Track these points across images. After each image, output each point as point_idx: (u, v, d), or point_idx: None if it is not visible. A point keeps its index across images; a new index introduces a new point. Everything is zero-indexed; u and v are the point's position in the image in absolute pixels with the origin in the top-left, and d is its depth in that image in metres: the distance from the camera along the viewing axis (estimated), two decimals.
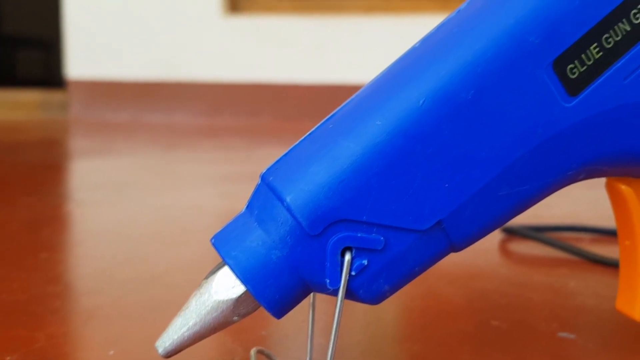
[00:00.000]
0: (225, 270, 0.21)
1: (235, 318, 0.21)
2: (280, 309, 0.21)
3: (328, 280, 0.21)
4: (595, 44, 0.21)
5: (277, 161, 0.22)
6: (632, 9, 0.21)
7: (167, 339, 0.22)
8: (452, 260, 0.31)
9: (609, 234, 0.49)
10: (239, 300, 0.21)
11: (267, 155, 1.04)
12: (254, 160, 1.00)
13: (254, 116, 1.67)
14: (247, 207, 0.22)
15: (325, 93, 1.62)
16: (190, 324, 0.21)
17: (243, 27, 1.70)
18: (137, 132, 1.41)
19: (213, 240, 0.22)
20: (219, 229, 0.22)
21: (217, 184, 0.78)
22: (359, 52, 1.62)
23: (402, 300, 0.35)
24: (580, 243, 0.47)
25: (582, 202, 0.62)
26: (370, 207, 0.20)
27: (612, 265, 0.41)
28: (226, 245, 0.21)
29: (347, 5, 1.68)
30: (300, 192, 0.21)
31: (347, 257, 0.21)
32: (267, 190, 0.21)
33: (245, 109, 1.69)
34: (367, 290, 0.21)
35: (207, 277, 0.22)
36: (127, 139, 1.29)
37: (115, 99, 1.78)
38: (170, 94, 1.73)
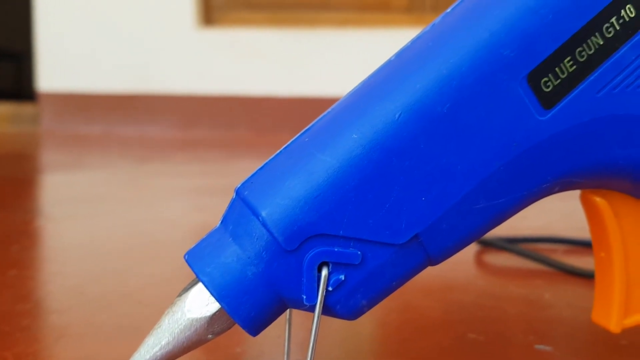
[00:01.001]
0: (199, 288, 0.21)
1: (210, 336, 0.21)
2: (255, 326, 0.21)
3: (305, 296, 0.20)
4: (569, 58, 0.21)
5: (252, 175, 0.21)
6: (605, 23, 0.21)
7: (139, 359, 0.21)
8: (428, 273, 0.31)
9: (582, 245, 0.50)
10: (213, 318, 0.21)
11: (242, 168, 1.04)
12: (228, 173, 1.00)
13: (228, 129, 1.67)
14: (222, 222, 0.22)
15: (300, 106, 1.62)
16: (163, 343, 0.21)
17: (217, 39, 1.70)
18: (110, 145, 1.39)
19: (186, 257, 0.21)
20: (193, 244, 0.22)
21: (192, 197, 0.77)
22: (333, 65, 1.63)
23: (378, 315, 0.34)
24: (554, 254, 0.47)
25: (555, 213, 0.63)
26: (347, 221, 0.20)
27: (586, 276, 0.41)
28: (200, 262, 0.21)
29: (322, 19, 1.69)
30: (276, 207, 0.20)
31: (324, 272, 0.20)
32: (242, 204, 0.21)
33: (220, 121, 1.68)
34: (344, 305, 0.21)
35: (180, 295, 0.21)
36: (100, 153, 1.27)
37: (88, 111, 1.76)
38: (144, 106, 1.72)
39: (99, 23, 1.75)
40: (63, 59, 1.78)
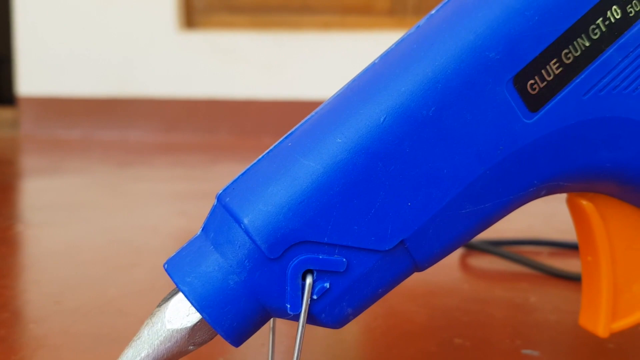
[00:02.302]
0: (180, 298, 0.20)
1: (191, 347, 0.20)
2: (238, 336, 0.20)
3: (289, 306, 0.20)
4: (555, 60, 0.21)
5: (234, 181, 0.21)
6: (591, 25, 0.21)
7: None
8: (413, 277, 0.31)
9: (566, 247, 0.50)
10: (194, 328, 0.20)
11: (225, 172, 1.03)
12: (211, 177, 0.99)
13: (210, 132, 1.65)
14: (203, 229, 0.21)
15: (282, 109, 1.61)
16: (143, 355, 0.20)
17: (198, 42, 1.69)
18: (90, 150, 1.37)
19: (166, 266, 0.21)
20: (174, 250, 0.21)
21: (173, 202, 0.76)
22: (316, 68, 1.62)
23: (364, 321, 0.34)
24: (538, 257, 0.47)
25: (538, 216, 0.63)
26: (331, 228, 0.20)
27: (570, 278, 0.41)
28: (180, 271, 0.20)
29: (304, 22, 1.68)
30: (258, 214, 0.20)
31: (309, 280, 0.20)
32: (223, 211, 0.20)
33: (202, 125, 1.67)
34: (329, 314, 0.20)
35: (160, 305, 0.21)
36: (80, 157, 1.26)
37: (68, 116, 1.73)
38: (125, 110, 1.70)
39: (79, 27, 1.73)
40: (43, 63, 1.75)
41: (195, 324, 0.20)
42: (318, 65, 1.62)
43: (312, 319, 0.20)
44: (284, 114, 1.59)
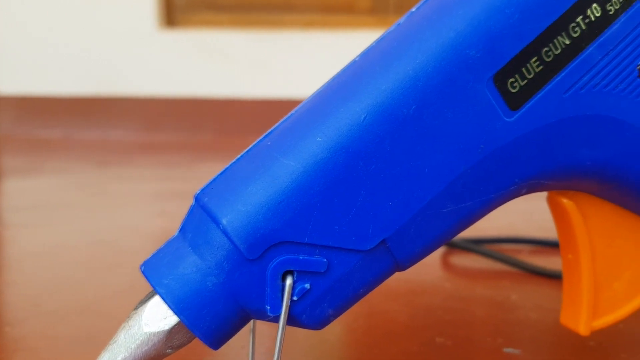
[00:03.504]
0: (157, 300, 0.20)
1: (169, 351, 0.20)
2: (217, 339, 0.20)
3: (268, 307, 0.19)
4: (535, 58, 0.21)
5: (212, 181, 0.21)
6: (571, 23, 0.21)
7: None
8: (395, 276, 0.31)
9: (547, 245, 0.50)
10: (172, 331, 0.20)
11: (208, 172, 1.02)
12: (193, 177, 0.98)
13: (192, 132, 1.64)
14: (180, 230, 0.21)
15: (265, 108, 1.61)
16: (119, 359, 0.20)
17: (180, 41, 1.67)
18: (70, 150, 1.36)
19: (143, 268, 0.20)
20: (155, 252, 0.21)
21: (155, 202, 0.75)
22: (298, 67, 1.62)
23: (345, 321, 0.34)
24: (519, 255, 0.47)
25: (518, 213, 0.63)
26: (312, 227, 0.20)
27: (551, 276, 0.41)
28: (157, 273, 0.20)
29: (286, 20, 1.68)
30: (237, 214, 0.19)
31: (289, 281, 0.20)
32: (201, 212, 0.20)
33: (184, 124, 1.66)
34: (310, 315, 0.20)
35: (136, 308, 0.20)
36: (60, 157, 1.24)
37: (47, 115, 1.71)
38: (105, 109, 1.68)
39: (57, 25, 1.71)
40: (21, 61, 1.73)
41: (173, 327, 0.20)
42: (301, 63, 1.62)
43: (292, 320, 0.20)
44: (268, 113, 1.58)
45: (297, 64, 1.62)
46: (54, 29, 1.71)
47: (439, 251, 0.48)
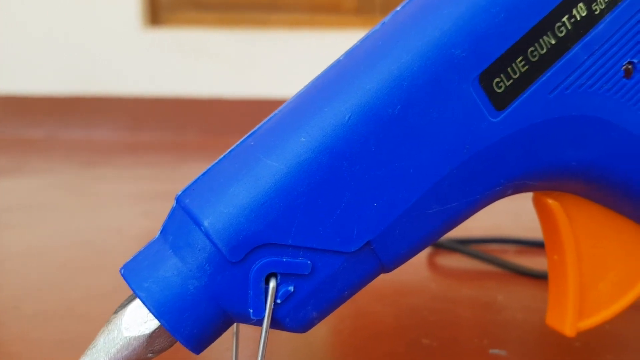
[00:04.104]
0: (137, 304, 0.20)
1: (150, 355, 0.20)
2: (199, 343, 0.20)
3: (251, 310, 0.19)
4: (521, 57, 0.20)
5: (194, 182, 0.20)
6: (557, 22, 0.21)
7: None
8: (380, 277, 0.30)
9: (533, 245, 0.50)
10: (152, 336, 0.19)
11: (192, 172, 1.01)
12: (178, 177, 0.97)
13: (177, 131, 1.63)
14: (161, 232, 0.20)
15: (251, 107, 1.60)
16: None
17: (164, 40, 1.66)
18: (53, 149, 1.34)
19: (122, 271, 0.20)
20: None
21: (139, 203, 0.75)
22: (284, 66, 1.61)
23: (331, 322, 0.34)
24: (505, 255, 0.47)
25: (504, 213, 0.63)
26: (295, 229, 0.19)
27: (537, 276, 0.41)
28: (137, 276, 0.19)
29: (272, 20, 1.67)
30: (219, 216, 0.19)
31: (272, 284, 0.19)
32: (182, 213, 0.20)
33: (169, 124, 1.64)
34: (294, 318, 0.20)
35: (116, 312, 0.20)
36: (42, 157, 1.23)
37: (30, 115, 1.69)
38: (89, 109, 1.67)
39: (40, 23, 1.69)
40: (3, 60, 1.71)
41: (154, 331, 0.19)
42: (286, 63, 1.61)
43: (276, 323, 0.20)
44: (253, 113, 1.58)
45: (283, 63, 1.61)
46: (37, 28, 1.69)
47: (425, 251, 0.48)
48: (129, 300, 0.20)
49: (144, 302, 0.19)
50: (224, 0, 1.70)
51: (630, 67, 0.22)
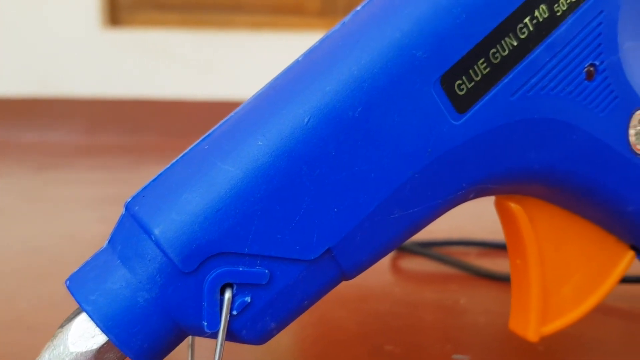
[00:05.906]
0: (84, 317, 0.18)
1: None
2: (150, 358, 0.19)
3: (206, 323, 0.18)
4: (482, 59, 0.20)
5: (144, 188, 0.19)
6: (518, 24, 0.20)
7: None
8: (344, 282, 0.30)
9: (494, 247, 0.50)
10: (100, 351, 0.18)
11: (151, 175, 0.99)
12: (136, 180, 0.95)
13: (136, 134, 1.60)
14: (109, 242, 0.19)
15: (212, 109, 1.58)
16: None
17: (124, 40, 1.63)
18: (7, 153, 1.30)
19: (68, 283, 0.19)
20: None
21: (95, 207, 0.73)
22: (247, 68, 1.60)
23: (293, 330, 0.33)
24: (467, 257, 0.47)
25: (466, 216, 0.63)
26: (252, 237, 0.18)
27: (499, 279, 0.41)
28: (83, 288, 0.18)
29: (235, 21, 1.66)
30: (171, 224, 0.18)
31: (227, 295, 0.18)
32: (132, 221, 0.19)
33: (127, 126, 1.61)
34: (251, 330, 0.19)
35: (62, 326, 0.19)
36: None
37: None
38: (45, 111, 1.62)
39: None
40: None
41: (102, 346, 0.18)
42: (249, 65, 1.60)
43: (232, 336, 0.19)
44: (214, 115, 1.56)
45: (246, 65, 1.60)
46: None
47: (389, 255, 0.48)
48: (76, 314, 0.19)
49: (90, 316, 0.18)
50: (186, 1, 1.68)
51: (592, 69, 0.21)
